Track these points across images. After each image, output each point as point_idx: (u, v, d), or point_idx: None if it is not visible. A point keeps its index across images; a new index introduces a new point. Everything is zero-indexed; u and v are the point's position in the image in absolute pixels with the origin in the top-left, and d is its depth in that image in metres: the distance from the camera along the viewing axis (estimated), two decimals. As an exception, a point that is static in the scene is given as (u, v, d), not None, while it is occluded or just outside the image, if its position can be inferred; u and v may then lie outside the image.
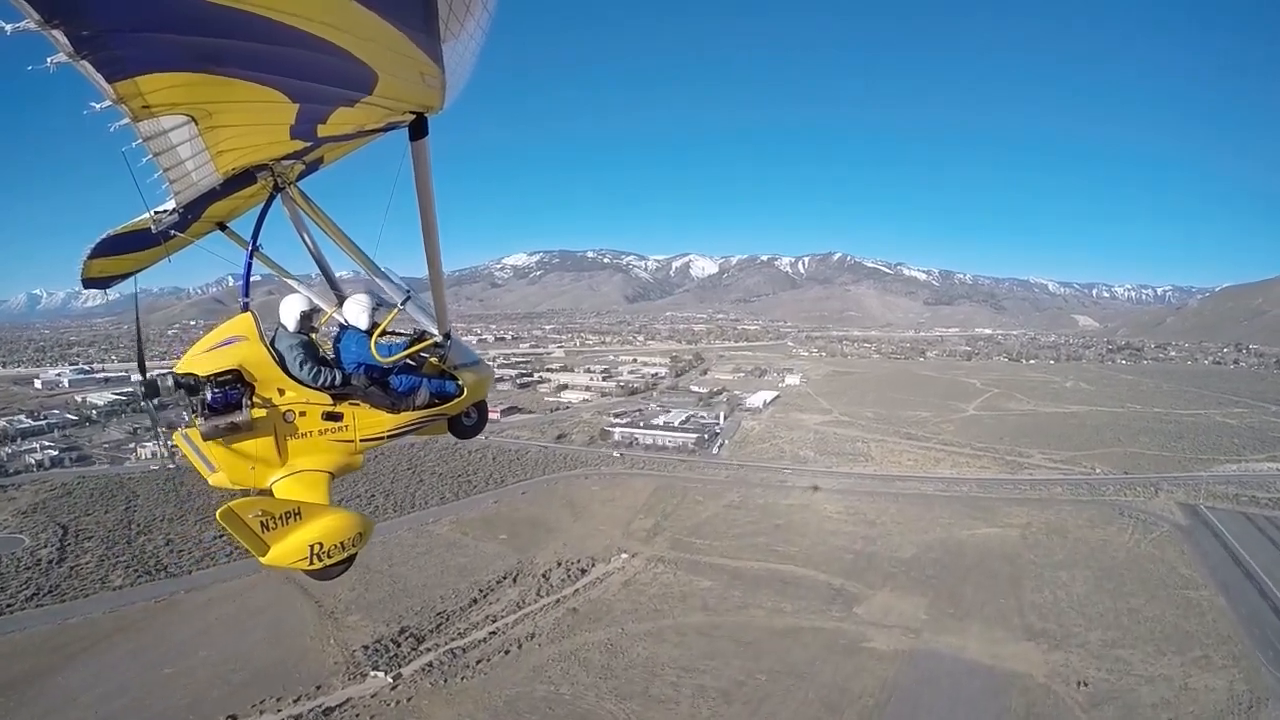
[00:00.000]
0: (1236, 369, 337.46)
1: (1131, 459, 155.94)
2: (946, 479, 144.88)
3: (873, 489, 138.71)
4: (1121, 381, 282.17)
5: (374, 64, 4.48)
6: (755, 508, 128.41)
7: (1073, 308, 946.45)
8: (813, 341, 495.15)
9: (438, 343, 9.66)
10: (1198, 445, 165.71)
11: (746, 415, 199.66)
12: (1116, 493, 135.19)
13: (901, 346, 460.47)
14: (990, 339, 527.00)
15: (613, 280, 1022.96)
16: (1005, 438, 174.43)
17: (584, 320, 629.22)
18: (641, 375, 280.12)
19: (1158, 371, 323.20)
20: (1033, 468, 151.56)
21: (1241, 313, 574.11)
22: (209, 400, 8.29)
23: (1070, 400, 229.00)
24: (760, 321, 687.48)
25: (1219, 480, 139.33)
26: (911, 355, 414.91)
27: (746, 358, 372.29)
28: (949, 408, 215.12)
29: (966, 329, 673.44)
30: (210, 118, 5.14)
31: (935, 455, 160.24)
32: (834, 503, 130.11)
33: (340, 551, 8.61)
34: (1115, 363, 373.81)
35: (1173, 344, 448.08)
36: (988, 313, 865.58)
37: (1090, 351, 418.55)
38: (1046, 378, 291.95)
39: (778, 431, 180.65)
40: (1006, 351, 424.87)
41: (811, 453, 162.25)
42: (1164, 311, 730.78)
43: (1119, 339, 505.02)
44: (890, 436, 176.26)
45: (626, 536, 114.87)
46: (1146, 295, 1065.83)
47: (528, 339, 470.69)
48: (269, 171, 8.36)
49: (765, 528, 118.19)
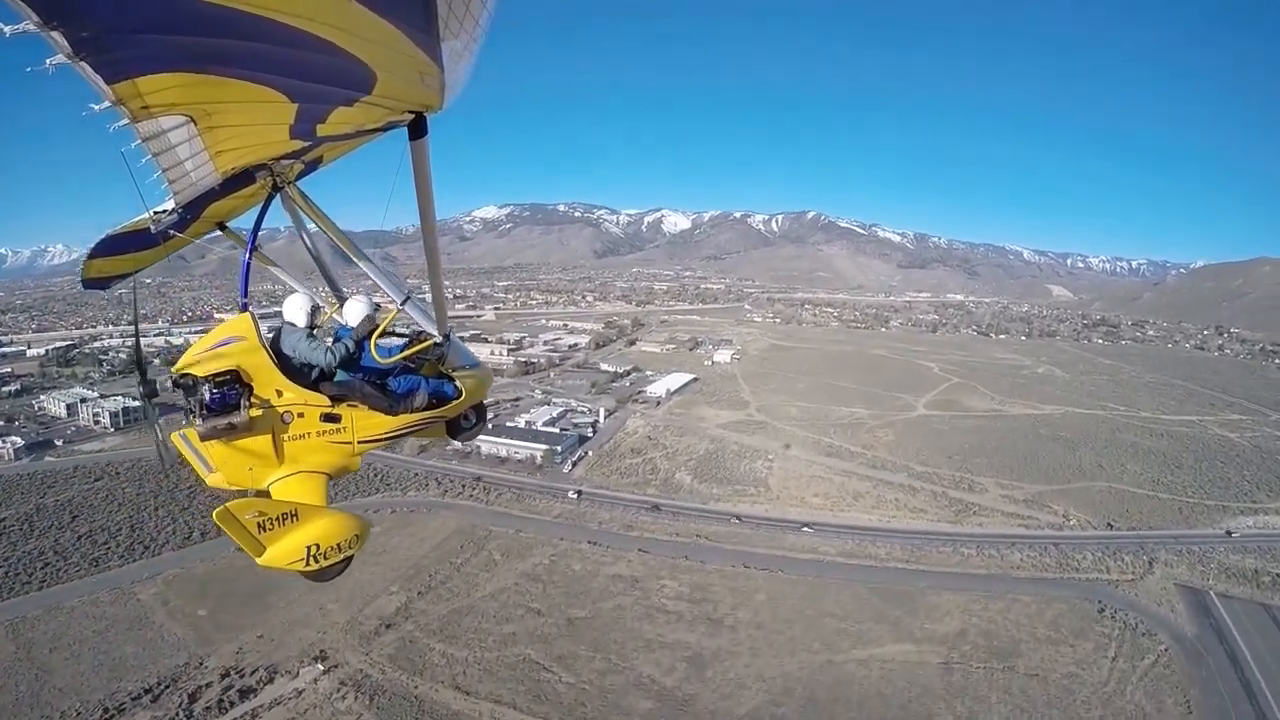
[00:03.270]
0: (1221, 356, 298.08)
1: (1117, 499, 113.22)
2: (859, 532, 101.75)
3: (745, 548, 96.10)
4: (1099, 368, 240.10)
5: (373, 63, 4.28)
6: (562, 580, 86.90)
7: (1047, 276, 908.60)
8: (772, 304, 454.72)
9: (437, 343, 9.19)
10: (1200, 478, 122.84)
11: (639, 410, 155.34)
12: (1096, 563, 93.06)
13: (865, 313, 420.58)
14: (961, 307, 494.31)
15: (582, 234, 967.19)
16: (955, 456, 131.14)
17: (544, 276, 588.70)
18: (555, 348, 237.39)
19: (1137, 355, 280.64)
20: (984, 512, 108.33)
21: (1221, 293, 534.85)
22: (207, 401, 7.84)
23: (1041, 395, 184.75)
24: (727, 280, 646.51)
25: (1232, 546, 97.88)
26: (874, 324, 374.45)
27: (691, 324, 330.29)
28: (895, 403, 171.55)
29: (938, 294, 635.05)
30: (209, 118, 4.93)
31: (856, 486, 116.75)
32: (676, 577, 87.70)
33: (337, 553, 8.25)
34: (1091, 341, 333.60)
35: (1150, 322, 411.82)
36: (961, 278, 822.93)
37: (1064, 327, 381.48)
38: (1016, 360, 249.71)
39: (664, 438, 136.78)
40: (976, 323, 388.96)
41: (689, 477, 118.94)
42: (1141, 286, 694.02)
43: (1094, 313, 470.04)
44: (807, 450, 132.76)
45: (349, 628, 77.16)
46: (1121, 268, 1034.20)
47: (470, 298, 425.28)
48: (268, 171, 7.93)
49: (554, 624, 77.39)
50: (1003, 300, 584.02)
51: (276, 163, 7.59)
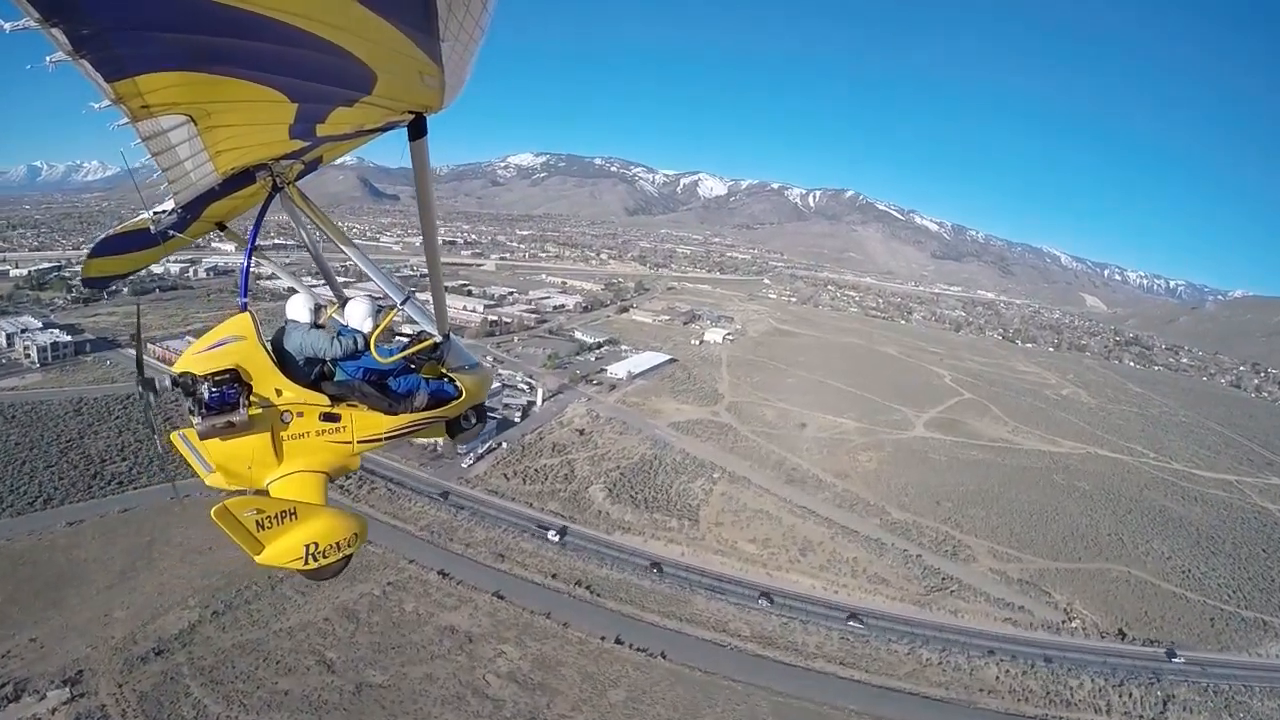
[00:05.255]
0: (1258, 400, 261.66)
1: (1135, 593, 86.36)
2: (792, 604, 76.36)
3: (631, 610, 71.44)
4: (1129, 396, 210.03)
5: (373, 64, 4.18)
6: (382, 623, 64.96)
7: (1082, 284, 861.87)
8: (795, 281, 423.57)
9: (437, 343, 8.77)
10: (1237, 573, 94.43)
11: (590, 393, 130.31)
12: (1094, 695, 67.42)
13: (889, 301, 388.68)
14: (990, 306, 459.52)
15: (616, 190, 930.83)
16: (945, 502, 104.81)
17: (570, 229, 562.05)
18: (538, 308, 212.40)
19: (1170, 385, 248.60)
20: (964, 593, 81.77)
21: (1260, 327, 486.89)
22: (206, 400, 7.44)
23: (1062, 426, 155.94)
24: (755, 250, 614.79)
25: (1271, 686, 72.16)
26: (895, 315, 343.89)
27: (699, 294, 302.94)
28: (890, 417, 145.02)
29: (969, 289, 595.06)
30: (209, 117, 4.81)
31: (810, 532, 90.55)
32: (522, 643, 63.69)
33: (335, 552, 7.87)
34: (1122, 362, 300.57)
35: (1185, 349, 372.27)
36: (994, 275, 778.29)
37: (1095, 341, 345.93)
38: (1039, 376, 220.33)
39: (601, 434, 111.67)
40: (1004, 326, 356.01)
41: (604, 493, 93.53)
42: (1177, 309, 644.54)
43: (1127, 329, 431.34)
44: (765, 472, 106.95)
45: (122, 647, 58.14)
46: (1158, 286, 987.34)
47: (482, 245, 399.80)
48: (268, 171, 7.63)
49: (340, 689, 55.96)
50: (1034, 304, 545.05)
51: (276, 163, 7.31)
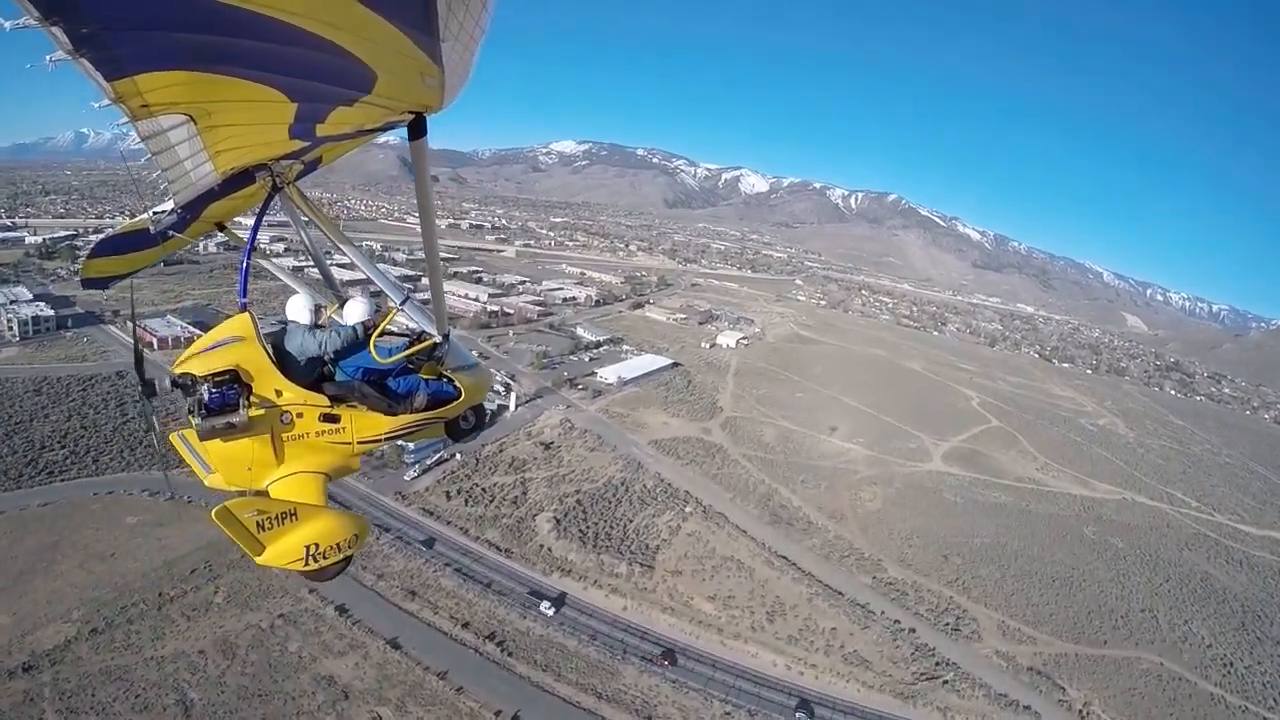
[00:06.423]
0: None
1: (1166, 694, 69.73)
2: (746, 686, 62.31)
3: (543, 677, 58.34)
4: (1169, 429, 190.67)
5: (373, 63, 4.13)
6: (257, 664, 54.90)
7: (1124, 302, 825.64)
8: (828, 283, 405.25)
9: (436, 343, 8.50)
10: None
11: (572, 399, 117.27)
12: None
13: (924, 310, 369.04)
14: (1029, 320, 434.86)
15: (656, 181, 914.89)
16: (955, 557, 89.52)
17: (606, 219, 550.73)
18: (546, 301, 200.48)
19: (1212, 419, 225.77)
20: (961, 685, 65.78)
21: None
22: (206, 400, 7.32)
23: (1097, 465, 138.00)
24: (792, 250, 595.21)
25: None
26: (928, 325, 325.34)
27: (724, 292, 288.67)
28: (906, 445, 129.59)
29: (1008, 301, 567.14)
30: (209, 117, 4.76)
31: (785, 591, 75.66)
32: (404, 710, 52.41)
33: (336, 553, 7.74)
34: (1163, 389, 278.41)
35: (1227, 378, 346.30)
36: (1035, 288, 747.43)
37: (1135, 365, 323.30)
38: (1075, 402, 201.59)
39: (571, 449, 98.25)
40: (1041, 342, 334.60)
41: (550, 524, 79.72)
42: (1221, 335, 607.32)
43: (1168, 353, 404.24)
44: (746, 508, 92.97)
45: None
46: (1201, 309, 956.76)
47: (511, 230, 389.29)
48: (268, 171, 7.47)
49: None
50: (1074, 320, 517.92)
51: (276, 163, 7.19)
